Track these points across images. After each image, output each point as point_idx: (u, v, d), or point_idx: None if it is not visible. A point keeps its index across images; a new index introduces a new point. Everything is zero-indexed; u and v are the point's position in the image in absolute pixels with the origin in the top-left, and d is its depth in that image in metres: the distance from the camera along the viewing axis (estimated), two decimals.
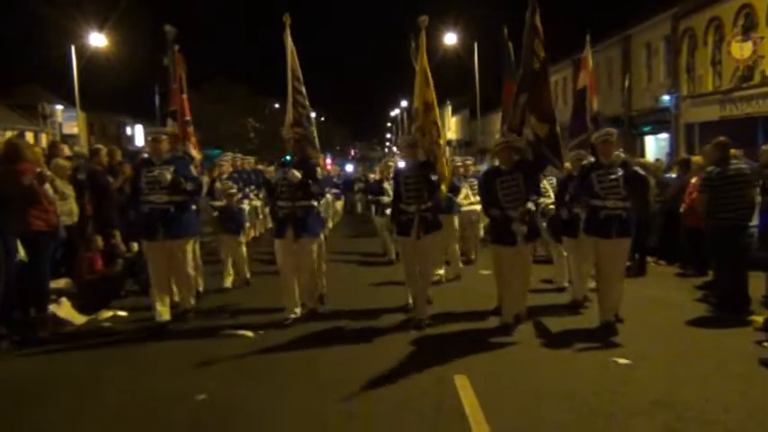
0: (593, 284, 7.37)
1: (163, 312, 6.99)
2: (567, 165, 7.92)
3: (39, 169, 6.27)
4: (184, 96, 9.42)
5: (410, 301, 7.50)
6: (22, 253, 5.99)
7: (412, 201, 7.01)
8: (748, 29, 17.22)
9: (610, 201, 6.52)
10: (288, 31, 7.83)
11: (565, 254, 8.37)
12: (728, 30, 18.18)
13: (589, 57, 10.04)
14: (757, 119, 16.88)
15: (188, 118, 9.39)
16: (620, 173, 6.53)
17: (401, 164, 8.87)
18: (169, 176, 6.84)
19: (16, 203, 5.73)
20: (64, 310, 6.74)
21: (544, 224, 8.65)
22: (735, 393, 4.81)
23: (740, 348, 5.85)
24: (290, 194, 7.07)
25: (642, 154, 23.70)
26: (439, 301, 7.83)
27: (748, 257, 7.32)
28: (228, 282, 9.29)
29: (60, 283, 7.35)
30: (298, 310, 7.20)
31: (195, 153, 9.24)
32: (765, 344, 5.79)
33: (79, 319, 6.95)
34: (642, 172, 6.93)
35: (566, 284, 8.46)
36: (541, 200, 8.02)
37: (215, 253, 10.43)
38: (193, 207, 7.82)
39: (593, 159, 7.04)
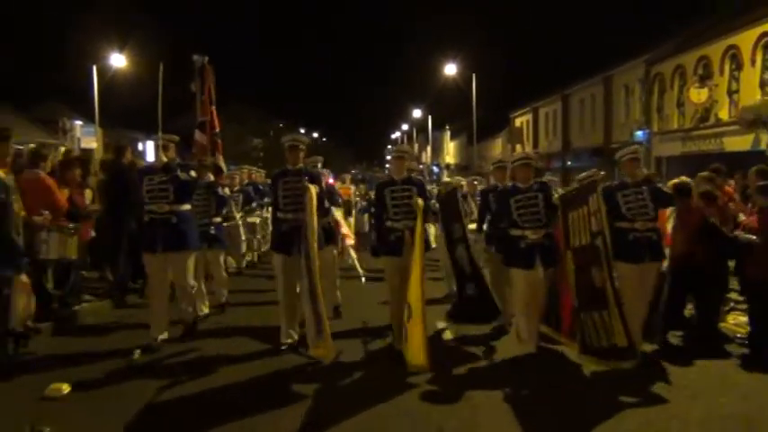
0: None
1: (158, 330, 6.46)
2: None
3: None
4: (213, 108, 9.24)
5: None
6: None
7: (400, 217, 6.43)
8: (705, 77, 19.84)
9: (639, 222, 6.05)
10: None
11: None
12: (690, 77, 20.84)
13: None
14: (712, 155, 19.39)
15: (217, 130, 9.28)
16: (647, 191, 6.09)
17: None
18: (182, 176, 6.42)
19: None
20: None
21: None
22: None
23: None
24: (296, 205, 6.38)
25: None
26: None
27: None
28: None
29: None
30: (296, 335, 6.51)
31: (224, 166, 9.31)
32: None
33: None
34: (667, 189, 6.53)
35: None
36: None
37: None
38: (218, 219, 7.89)
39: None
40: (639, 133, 24.37)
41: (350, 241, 9.34)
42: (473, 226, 8.76)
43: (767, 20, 17.03)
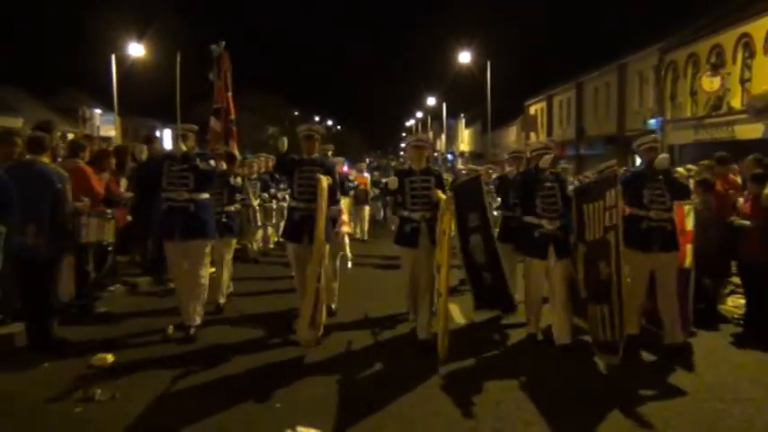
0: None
1: (192, 316, 6.55)
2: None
3: None
4: (229, 95, 9.11)
5: (411, 316, 6.95)
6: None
7: (418, 207, 6.43)
8: (717, 65, 19.97)
9: (653, 211, 6.10)
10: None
11: None
12: (703, 65, 20.98)
13: None
14: (723, 143, 19.58)
15: (233, 117, 9.20)
16: (664, 182, 6.16)
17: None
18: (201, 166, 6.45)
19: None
20: None
21: None
22: None
23: None
24: (309, 195, 6.42)
25: None
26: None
27: None
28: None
29: None
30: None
31: (237, 154, 9.06)
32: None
33: None
34: (683, 180, 6.64)
35: None
36: None
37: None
38: (233, 207, 7.95)
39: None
40: (652, 121, 24.51)
41: (345, 228, 9.55)
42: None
43: None
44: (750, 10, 18.71)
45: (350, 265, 9.31)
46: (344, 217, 9.21)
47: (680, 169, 8.51)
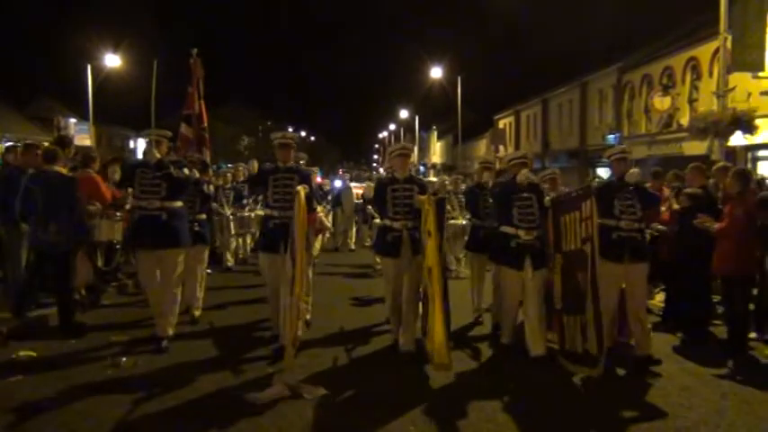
0: None
1: (164, 328, 6.41)
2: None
3: None
4: (201, 102, 9.09)
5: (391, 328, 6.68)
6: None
7: (399, 216, 6.34)
8: (668, 86, 21.50)
9: (624, 221, 6.13)
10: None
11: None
12: (656, 85, 22.52)
13: None
14: (673, 158, 21.03)
15: (204, 125, 9.15)
16: (634, 192, 6.18)
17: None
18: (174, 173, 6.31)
19: None
20: None
21: None
22: None
23: None
24: (285, 203, 6.33)
25: None
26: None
27: None
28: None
29: None
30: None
31: (208, 161, 8.98)
32: None
33: None
34: (652, 190, 6.71)
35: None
36: None
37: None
38: (203, 216, 7.64)
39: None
40: (611, 136, 25.98)
41: (325, 222, 9.42)
42: (460, 221, 9.61)
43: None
44: (697, 36, 20.28)
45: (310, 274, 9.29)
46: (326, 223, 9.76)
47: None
